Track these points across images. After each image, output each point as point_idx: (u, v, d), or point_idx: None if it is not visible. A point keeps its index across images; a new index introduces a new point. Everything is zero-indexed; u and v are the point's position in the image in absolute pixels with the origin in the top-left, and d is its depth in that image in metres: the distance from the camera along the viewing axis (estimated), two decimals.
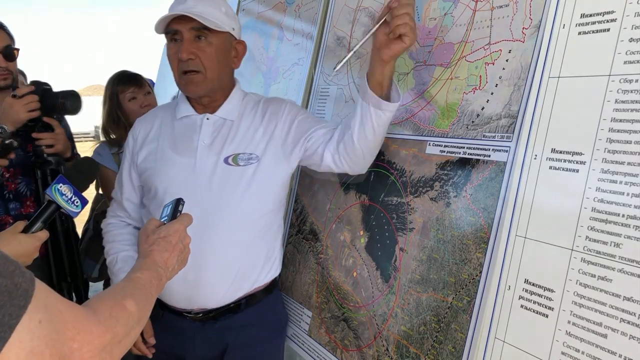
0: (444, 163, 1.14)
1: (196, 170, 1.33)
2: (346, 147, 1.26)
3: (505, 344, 0.92)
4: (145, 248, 0.90)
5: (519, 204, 0.94)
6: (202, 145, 1.34)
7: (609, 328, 0.78)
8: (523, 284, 0.91)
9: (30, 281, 0.54)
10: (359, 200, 1.38)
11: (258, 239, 1.37)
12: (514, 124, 0.99)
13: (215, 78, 1.32)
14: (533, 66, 0.97)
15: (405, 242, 1.20)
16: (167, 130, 1.40)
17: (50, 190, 1.00)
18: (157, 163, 1.38)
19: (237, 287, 1.36)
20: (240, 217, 1.33)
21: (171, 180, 1.34)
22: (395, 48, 1.10)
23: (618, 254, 0.78)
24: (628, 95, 0.80)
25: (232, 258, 1.33)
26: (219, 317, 1.37)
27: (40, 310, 0.54)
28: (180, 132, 1.38)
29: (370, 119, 1.19)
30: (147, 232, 0.93)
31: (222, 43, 1.31)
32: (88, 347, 0.60)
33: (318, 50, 1.69)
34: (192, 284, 1.31)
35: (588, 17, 0.88)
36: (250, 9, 2.27)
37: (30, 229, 0.99)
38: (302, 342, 1.50)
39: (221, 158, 1.33)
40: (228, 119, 1.37)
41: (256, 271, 1.38)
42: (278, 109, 1.39)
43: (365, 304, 1.29)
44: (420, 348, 1.10)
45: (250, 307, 1.39)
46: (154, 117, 1.46)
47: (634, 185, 0.77)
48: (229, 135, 1.35)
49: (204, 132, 1.35)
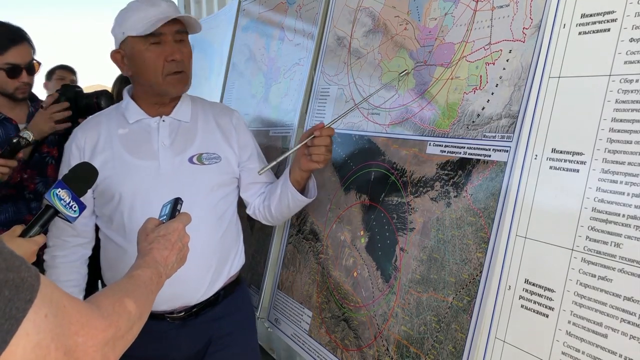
0: (444, 163, 1.14)
1: (161, 171, 1.35)
2: (265, 211, 1.49)
3: (505, 344, 0.92)
4: (144, 246, 0.91)
5: (519, 204, 0.94)
6: (163, 147, 1.37)
7: (609, 328, 0.78)
8: (523, 284, 0.91)
9: (35, 276, 0.55)
10: (360, 200, 1.38)
11: (228, 233, 1.45)
12: (515, 124, 0.99)
13: (190, 77, 1.41)
14: (533, 66, 0.97)
15: (405, 242, 1.20)
16: (120, 136, 1.39)
17: (48, 194, 1.00)
18: (116, 170, 1.36)
19: (215, 280, 1.42)
20: (212, 213, 1.39)
21: (137, 185, 1.34)
22: (308, 165, 1.33)
23: (618, 254, 0.78)
24: (628, 95, 0.80)
25: (209, 253, 1.39)
26: (200, 312, 1.41)
27: (45, 304, 0.55)
28: (135, 136, 1.38)
29: (287, 200, 1.40)
30: (147, 231, 0.94)
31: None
32: (92, 341, 0.61)
33: (319, 51, 1.69)
34: (176, 282, 1.31)
35: (588, 17, 0.88)
36: (251, 9, 2.27)
37: (27, 233, 0.98)
38: (302, 342, 1.50)
39: (185, 158, 1.37)
40: (183, 120, 1.42)
41: (229, 263, 1.46)
42: (228, 117, 1.50)
43: (366, 303, 1.29)
44: (420, 348, 1.10)
45: (226, 298, 1.46)
46: (97, 125, 1.43)
47: (634, 185, 0.77)
48: (188, 136, 1.40)
49: (162, 134, 1.38)
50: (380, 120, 1.36)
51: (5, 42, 1.76)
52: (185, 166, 1.36)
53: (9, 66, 1.78)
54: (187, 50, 1.36)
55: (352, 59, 1.51)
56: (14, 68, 1.79)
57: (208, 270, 1.39)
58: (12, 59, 1.78)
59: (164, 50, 1.31)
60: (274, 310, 1.68)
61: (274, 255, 1.73)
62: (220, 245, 1.42)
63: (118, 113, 1.43)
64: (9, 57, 1.77)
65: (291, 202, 1.41)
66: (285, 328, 1.59)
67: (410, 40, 1.30)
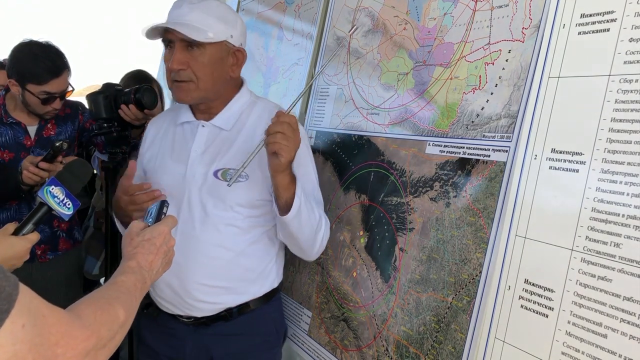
0: (443, 163, 1.13)
1: (186, 179, 1.30)
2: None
3: (505, 344, 0.92)
4: (129, 250, 0.88)
5: (519, 204, 0.94)
6: (194, 154, 1.31)
7: (609, 328, 0.78)
8: (523, 284, 0.91)
9: (14, 285, 0.54)
10: (359, 200, 1.38)
11: (245, 254, 1.32)
12: (514, 124, 0.99)
13: (209, 88, 1.28)
14: (533, 66, 0.97)
15: (405, 242, 1.20)
16: (169, 135, 1.39)
17: (41, 192, 0.99)
18: (155, 167, 1.37)
19: (224, 300, 1.33)
20: (223, 232, 1.29)
21: (164, 186, 1.32)
22: (272, 163, 1.15)
23: (618, 254, 0.78)
24: (628, 95, 0.80)
25: (216, 271, 1.30)
26: (211, 323, 1.34)
27: (24, 314, 0.54)
28: (178, 137, 1.37)
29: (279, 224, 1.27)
30: (131, 235, 0.91)
31: (217, 52, 1.26)
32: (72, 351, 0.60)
33: (318, 50, 1.69)
34: (177, 292, 1.31)
35: (588, 17, 0.88)
36: (250, 8, 2.27)
37: (21, 231, 0.98)
38: (302, 342, 1.50)
39: (211, 170, 1.29)
40: (223, 128, 1.32)
41: (245, 285, 1.35)
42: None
43: (365, 304, 1.29)
44: (420, 348, 1.10)
45: (242, 316, 1.35)
46: (164, 118, 1.46)
47: (634, 185, 0.77)
48: (222, 147, 1.31)
49: (198, 140, 1.32)
50: (380, 120, 1.36)
51: (46, 76, 1.77)
52: (209, 179, 1.28)
53: (45, 95, 1.80)
54: (186, 59, 1.23)
55: (352, 59, 1.51)
56: (49, 98, 1.82)
57: (212, 288, 1.31)
58: (50, 88, 1.80)
59: (172, 55, 1.25)
60: None
61: None
62: (232, 266, 1.31)
63: (176, 111, 1.42)
64: (47, 87, 1.79)
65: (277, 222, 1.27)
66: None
67: (410, 40, 1.30)
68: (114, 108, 1.82)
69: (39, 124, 1.92)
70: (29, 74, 1.76)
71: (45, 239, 1.93)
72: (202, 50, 1.23)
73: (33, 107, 1.83)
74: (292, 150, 1.14)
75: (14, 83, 1.79)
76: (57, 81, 1.80)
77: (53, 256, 1.98)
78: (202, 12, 1.23)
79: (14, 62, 1.80)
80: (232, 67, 1.31)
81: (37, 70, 1.76)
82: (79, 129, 2.03)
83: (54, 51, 1.82)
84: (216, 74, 1.27)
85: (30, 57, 1.77)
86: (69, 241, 2.03)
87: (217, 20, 1.24)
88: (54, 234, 1.98)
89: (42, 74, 1.76)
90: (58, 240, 1.99)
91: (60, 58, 1.83)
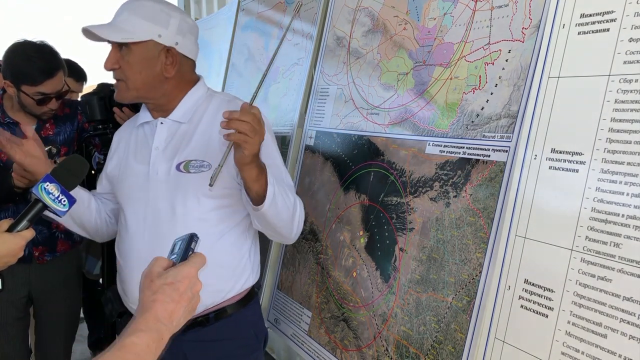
0: (443, 163, 1.13)
1: (150, 177, 1.29)
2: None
3: (505, 344, 0.92)
4: (147, 296, 0.75)
5: (518, 204, 0.94)
6: (155, 151, 1.30)
7: (609, 328, 0.78)
8: (523, 284, 0.91)
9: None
10: (359, 200, 1.38)
11: (214, 249, 1.25)
12: (514, 124, 0.99)
13: (139, 87, 1.26)
14: (533, 66, 0.97)
15: (405, 242, 1.20)
16: (131, 138, 1.39)
17: (36, 189, 0.97)
18: (120, 171, 1.37)
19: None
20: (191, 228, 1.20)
21: (129, 188, 1.32)
22: (237, 156, 1.10)
23: (618, 254, 0.78)
24: (628, 95, 0.80)
25: None
26: (187, 329, 1.25)
27: None
28: (140, 139, 1.37)
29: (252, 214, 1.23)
30: (152, 276, 0.77)
31: (144, 51, 1.25)
32: None
33: (318, 50, 1.69)
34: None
35: (588, 17, 0.88)
36: (250, 8, 2.27)
37: (15, 227, 0.96)
38: (301, 342, 1.50)
39: (173, 164, 1.27)
40: (181, 121, 1.31)
41: (219, 282, 1.30)
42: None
43: (365, 304, 1.29)
44: (420, 348, 1.10)
45: (220, 321, 1.31)
46: (127, 125, 1.45)
47: (634, 185, 0.77)
48: (182, 141, 1.29)
49: (158, 137, 1.31)
50: (380, 120, 1.36)
51: (40, 76, 1.76)
52: (172, 173, 1.27)
53: (40, 96, 1.79)
54: (116, 59, 1.25)
55: (351, 59, 1.51)
56: (44, 98, 1.81)
57: None
58: (44, 89, 1.78)
59: None
60: (274, 310, 1.68)
61: (274, 255, 1.73)
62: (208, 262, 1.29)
63: (136, 116, 1.42)
64: (42, 88, 1.78)
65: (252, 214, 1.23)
66: (285, 328, 1.59)
67: (410, 40, 1.30)
68: (109, 109, 1.81)
69: (37, 124, 1.91)
70: (23, 75, 1.75)
71: (43, 240, 1.92)
72: (128, 50, 1.24)
73: (29, 108, 1.83)
74: (255, 143, 1.09)
75: (9, 84, 1.78)
76: (52, 82, 1.79)
77: (51, 257, 1.96)
78: (129, 13, 1.24)
79: (8, 63, 1.78)
80: (166, 67, 1.28)
81: (31, 71, 1.74)
82: (78, 128, 2.03)
83: (48, 51, 1.80)
84: (145, 73, 1.26)
85: (23, 57, 1.75)
86: (68, 242, 2.02)
87: (142, 20, 1.23)
88: (52, 235, 1.96)
89: (35, 74, 1.75)
90: (56, 242, 1.98)
91: (55, 58, 1.81)
